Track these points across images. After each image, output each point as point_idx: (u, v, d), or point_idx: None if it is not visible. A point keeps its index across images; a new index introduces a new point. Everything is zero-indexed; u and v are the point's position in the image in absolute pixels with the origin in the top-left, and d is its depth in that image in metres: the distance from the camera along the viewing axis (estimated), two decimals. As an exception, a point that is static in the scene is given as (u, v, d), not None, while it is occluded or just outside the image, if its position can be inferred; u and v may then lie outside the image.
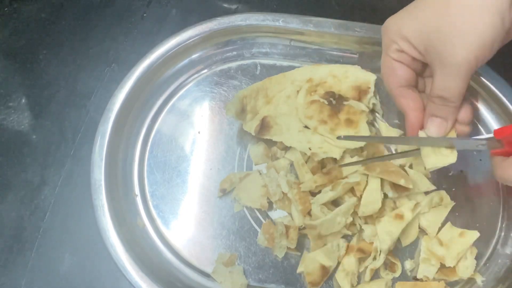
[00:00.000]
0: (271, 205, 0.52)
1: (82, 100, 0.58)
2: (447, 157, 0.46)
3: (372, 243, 0.50)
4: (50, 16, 0.63)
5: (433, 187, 0.51)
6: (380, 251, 0.49)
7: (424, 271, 0.49)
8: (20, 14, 0.63)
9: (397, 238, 0.49)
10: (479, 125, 0.57)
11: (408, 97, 0.47)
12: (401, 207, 0.50)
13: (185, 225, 0.52)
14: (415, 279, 0.49)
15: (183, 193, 0.53)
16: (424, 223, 0.51)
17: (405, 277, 0.50)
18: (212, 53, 0.60)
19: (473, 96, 0.57)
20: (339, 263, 0.49)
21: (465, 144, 0.46)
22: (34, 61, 0.60)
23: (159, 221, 0.52)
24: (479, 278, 0.50)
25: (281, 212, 0.52)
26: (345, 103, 0.54)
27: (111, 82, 0.58)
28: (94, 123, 0.54)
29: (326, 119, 0.53)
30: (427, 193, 0.52)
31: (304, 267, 0.49)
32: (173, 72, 0.58)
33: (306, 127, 0.54)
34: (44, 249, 0.51)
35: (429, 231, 0.51)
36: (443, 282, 0.49)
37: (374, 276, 0.49)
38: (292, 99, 0.55)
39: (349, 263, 0.49)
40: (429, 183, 0.51)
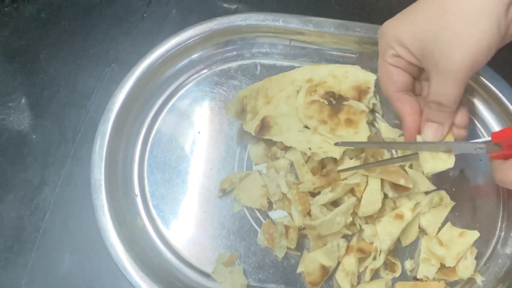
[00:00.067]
0: (271, 205, 0.52)
1: (82, 100, 0.58)
2: (445, 161, 0.45)
3: (372, 243, 0.50)
4: (50, 16, 0.63)
5: (433, 187, 0.51)
6: (380, 251, 0.49)
7: (424, 271, 0.49)
8: (20, 14, 0.63)
9: (397, 238, 0.49)
10: (479, 125, 0.57)
11: (405, 101, 0.47)
12: (401, 207, 0.50)
13: (185, 225, 0.52)
14: (415, 279, 0.49)
15: (183, 193, 0.53)
16: (424, 223, 0.51)
17: (405, 277, 0.50)
18: (212, 53, 0.60)
19: (473, 96, 0.57)
20: (339, 263, 0.49)
21: (463, 148, 0.46)
22: (34, 61, 0.60)
23: (159, 221, 0.52)
24: (479, 278, 0.50)
25: (281, 212, 0.52)
26: (345, 103, 0.54)
27: (111, 82, 0.58)
28: (94, 123, 0.54)
29: (326, 119, 0.53)
30: (427, 193, 0.52)
31: (304, 267, 0.49)
32: (173, 72, 0.58)
33: (306, 127, 0.54)
34: (44, 249, 0.51)
35: (429, 231, 0.51)
36: (443, 282, 0.49)
37: (374, 276, 0.49)
38: (292, 99, 0.55)
39: (349, 263, 0.49)
40: (429, 183, 0.51)
